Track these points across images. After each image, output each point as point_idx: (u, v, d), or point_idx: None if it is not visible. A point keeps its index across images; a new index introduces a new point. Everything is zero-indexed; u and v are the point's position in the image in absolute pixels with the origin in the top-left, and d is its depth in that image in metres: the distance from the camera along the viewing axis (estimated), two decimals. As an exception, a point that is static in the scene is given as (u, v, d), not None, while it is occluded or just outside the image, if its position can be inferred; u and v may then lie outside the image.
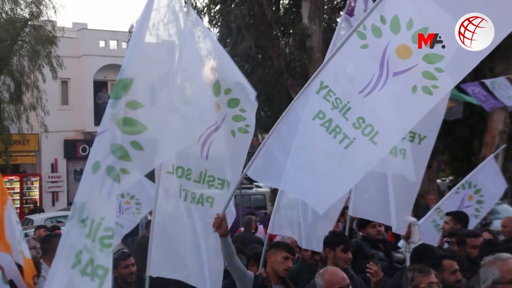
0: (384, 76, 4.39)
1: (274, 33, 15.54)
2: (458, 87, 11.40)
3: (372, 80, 4.41)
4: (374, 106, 4.41)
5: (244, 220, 9.81)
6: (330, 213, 5.46)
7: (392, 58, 4.37)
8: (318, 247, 5.31)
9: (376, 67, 4.40)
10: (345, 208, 9.73)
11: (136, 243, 10.49)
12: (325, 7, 15.02)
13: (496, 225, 13.20)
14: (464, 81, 12.05)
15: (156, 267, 4.78)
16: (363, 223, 5.96)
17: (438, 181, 18.67)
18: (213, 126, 4.77)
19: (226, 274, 5.46)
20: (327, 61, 4.61)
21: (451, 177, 19.73)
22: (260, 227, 10.52)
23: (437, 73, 4.26)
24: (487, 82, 10.78)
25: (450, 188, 18.02)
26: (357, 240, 5.96)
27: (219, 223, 4.45)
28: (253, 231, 9.95)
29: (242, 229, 9.93)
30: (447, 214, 7.35)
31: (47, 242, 5.81)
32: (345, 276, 3.87)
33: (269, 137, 4.74)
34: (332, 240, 4.74)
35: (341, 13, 15.94)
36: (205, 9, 16.70)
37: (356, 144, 4.40)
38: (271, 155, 4.68)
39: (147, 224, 9.73)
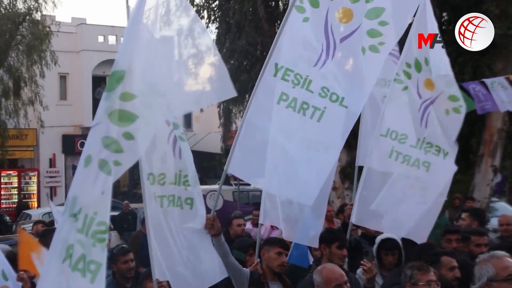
0: (332, 44, 4.45)
1: (273, 29, 15.51)
2: (459, 85, 11.40)
3: (323, 50, 4.46)
4: (332, 75, 4.44)
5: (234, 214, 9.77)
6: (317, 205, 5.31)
7: (335, 25, 4.43)
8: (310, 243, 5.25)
9: (322, 37, 4.45)
10: (344, 205, 9.75)
11: (132, 238, 10.52)
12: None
13: (494, 223, 13.24)
14: (463, 80, 12.05)
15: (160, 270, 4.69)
16: None
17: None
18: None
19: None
20: (275, 42, 4.56)
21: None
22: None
23: (382, 28, 4.35)
24: (487, 81, 10.78)
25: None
26: (355, 237, 5.98)
27: (211, 223, 4.43)
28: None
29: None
30: (464, 210, 7.31)
31: (44, 237, 5.81)
32: (343, 273, 3.88)
33: (241, 129, 4.61)
34: (328, 236, 4.73)
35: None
36: (204, 5, 16.65)
37: (328, 112, 4.40)
38: (247, 148, 4.56)
39: (144, 219, 9.74)
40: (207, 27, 16.88)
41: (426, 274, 3.88)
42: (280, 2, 16.37)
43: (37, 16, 21.70)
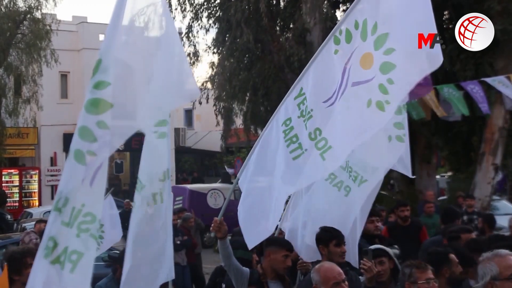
0: (343, 85, 4.20)
1: (274, 27, 15.50)
2: (458, 85, 11.40)
3: (336, 89, 4.24)
4: (332, 118, 4.22)
5: None
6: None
7: (355, 66, 4.16)
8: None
9: (340, 74, 4.22)
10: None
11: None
12: (325, 2, 14.96)
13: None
14: (466, 77, 12.04)
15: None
16: None
17: (437, 177, 18.67)
18: None
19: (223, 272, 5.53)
20: (308, 66, 4.44)
21: (450, 173, 19.75)
22: None
23: (389, 86, 4.04)
24: (488, 80, 10.78)
25: (449, 184, 18.10)
26: None
27: (218, 226, 4.40)
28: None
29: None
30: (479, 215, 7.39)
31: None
32: (341, 271, 3.86)
33: (256, 147, 4.63)
34: (324, 236, 4.70)
35: (341, 7, 15.94)
36: (205, 3, 16.65)
37: (304, 156, 4.27)
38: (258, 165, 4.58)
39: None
40: (208, 25, 16.88)
41: (425, 272, 3.87)
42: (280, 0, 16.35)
43: (38, 14, 21.69)
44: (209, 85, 19.51)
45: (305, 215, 5.07)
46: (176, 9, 16.75)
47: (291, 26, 15.84)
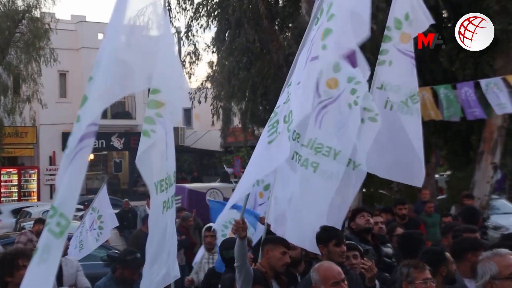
0: (307, 62, 4.41)
1: (273, 27, 15.48)
2: (453, 86, 11.38)
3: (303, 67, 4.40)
4: (299, 97, 4.30)
5: None
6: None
7: (316, 41, 4.41)
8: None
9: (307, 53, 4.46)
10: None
11: (132, 237, 10.50)
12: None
13: (494, 220, 13.24)
14: (464, 77, 12.03)
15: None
16: (352, 216, 6.01)
17: (436, 176, 18.67)
18: None
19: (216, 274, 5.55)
20: (297, 53, 4.60)
21: (448, 172, 19.76)
22: None
23: (322, 52, 4.33)
24: (483, 82, 10.69)
25: (448, 183, 18.10)
26: (346, 235, 5.95)
27: (241, 227, 4.37)
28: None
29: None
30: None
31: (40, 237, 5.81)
32: (340, 270, 3.86)
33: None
34: (324, 236, 4.67)
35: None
36: (204, 2, 16.63)
37: (278, 139, 4.20)
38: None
39: (145, 218, 9.73)
40: (207, 24, 16.87)
41: (423, 272, 3.86)
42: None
43: (37, 13, 21.66)
44: (208, 84, 19.50)
45: (282, 203, 4.93)
46: (175, 8, 16.74)
47: (290, 25, 15.84)
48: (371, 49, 11.85)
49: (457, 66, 12.46)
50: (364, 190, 13.29)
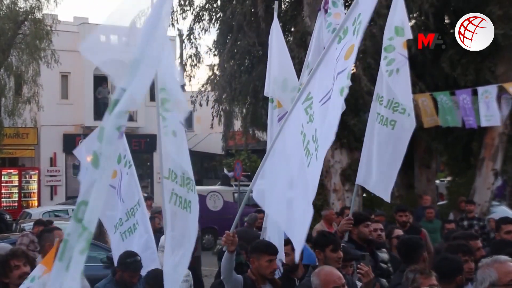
0: (333, 79, 4.19)
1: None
2: (452, 92, 11.38)
3: (331, 86, 4.19)
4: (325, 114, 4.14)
5: (249, 216, 9.77)
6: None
7: (341, 58, 4.17)
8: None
9: (333, 70, 4.20)
10: (344, 208, 9.74)
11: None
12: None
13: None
14: (466, 83, 12.01)
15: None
16: (357, 221, 5.89)
17: (437, 181, 18.65)
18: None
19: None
20: (314, 69, 4.39)
21: (449, 178, 19.73)
22: None
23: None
24: (480, 90, 10.67)
25: (448, 188, 18.08)
26: (343, 244, 5.90)
27: (231, 239, 4.36)
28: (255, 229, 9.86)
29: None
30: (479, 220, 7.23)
31: (39, 238, 5.83)
32: (341, 275, 3.86)
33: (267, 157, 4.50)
34: (321, 241, 4.69)
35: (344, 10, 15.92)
36: (207, 5, 16.64)
37: (312, 160, 4.08)
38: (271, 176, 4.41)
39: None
40: (209, 27, 16.87)
41: (429, 278, 3.85)
42: (282, 3, 16.33)
43: (39, 15, 21.68)
44: (209, 87, 19.48)
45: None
46: (176, 10, 16.73)
47: (292, 29, 15.84)
48: (373, 54, 11.90)
49: (459, 72, 12.46)
50: (364, 194, 13.26)
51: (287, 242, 5.03)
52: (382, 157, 5.69)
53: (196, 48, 17.31)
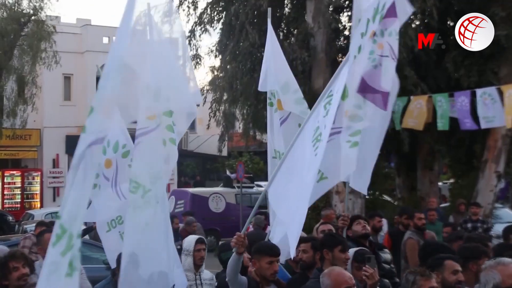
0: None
1: (277, 32, 15.46)
2: (451, 94, 11.33)
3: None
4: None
5: (256, 219, 9.81)
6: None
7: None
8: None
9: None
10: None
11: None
12: (330, 7, 14.95)
13: (498, 229, 13.16)
14: (469, 85, 11.99)
15: None
16: (349, 223, 5.94)
17: (440, 183, 18.61)
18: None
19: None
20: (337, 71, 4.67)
21: (452, 180, 19.70)
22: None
23: None
24: (479, 92, 10.61)
25: (451, 190, 18.05)
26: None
27: (241, 241, 4.35)
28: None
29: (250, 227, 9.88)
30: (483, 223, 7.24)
31: (39, 238, 5.89)
32: (351, 276, 3.86)
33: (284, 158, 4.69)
34: (330, 241, 4.69)
35: (345, 13, 15.93)
36: (209, 6, 16.64)
37: (320, 145, 4.36)
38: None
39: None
40: (210, 27, 16.86)
41: (429, 281, 3.83)
42: (284, 4, 16.33)
43: (42, 16, 21.72)
44: (208, 88, 19.48)
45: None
46: (178, 11, 16.74)
47: (294, 31, 15.83)
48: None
49: (462, 73, 12.43)
50: (366, 196, 13.23)
51: (305, 239, 5.09)
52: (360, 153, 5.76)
53: (197, 49, 17.32)
